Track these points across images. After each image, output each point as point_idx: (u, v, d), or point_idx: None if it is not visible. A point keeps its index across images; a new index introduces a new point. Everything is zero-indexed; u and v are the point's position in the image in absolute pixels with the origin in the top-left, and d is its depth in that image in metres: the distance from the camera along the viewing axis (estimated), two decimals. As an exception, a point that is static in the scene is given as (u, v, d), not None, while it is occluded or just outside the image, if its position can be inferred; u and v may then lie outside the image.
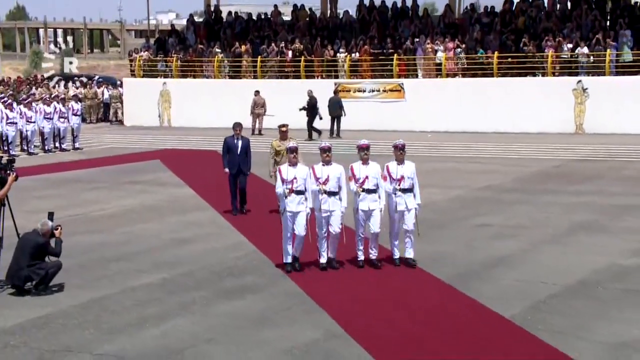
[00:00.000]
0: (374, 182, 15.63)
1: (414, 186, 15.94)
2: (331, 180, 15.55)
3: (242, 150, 21.52)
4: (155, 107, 47.34)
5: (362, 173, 15.68)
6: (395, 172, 15.87)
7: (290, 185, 15.50)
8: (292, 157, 15.74)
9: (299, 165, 15.77)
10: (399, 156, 16.02)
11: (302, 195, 15.51)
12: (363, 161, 15.79)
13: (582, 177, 27.09)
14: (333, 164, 15.73)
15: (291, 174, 15.59)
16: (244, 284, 15.66)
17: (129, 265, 17.15)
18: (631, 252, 17.29)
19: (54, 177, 29.41)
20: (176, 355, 12.02)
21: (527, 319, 13.18)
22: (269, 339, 12.62)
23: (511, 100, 39.65)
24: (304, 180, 15.53)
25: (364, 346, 12.20)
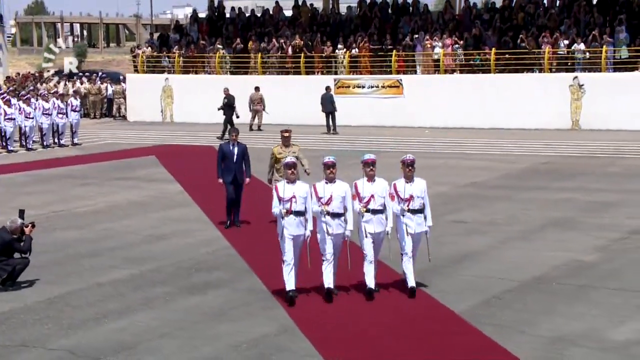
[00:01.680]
0: (381, 202, 13.88)
1: (424, 206, 14.24)
2: (335, 200, 13.80)
3: (239, 157, 19.84)
4: (158, 103, 47.61)
5: (367, 191, 13.86)
6: (403, 191, 14.03)
7: (289, 205, 13.81)
8: (290, 173, 13.95)
9: (298, 182, 14.06)
10: (407, 173, 14.14)
11: (302, 217, 13.83)
12: (368, 178, 13.96)
13: (567, 174, 27.27)
14: (337, 181, 13.91)
15: (289, 192, 13.82)
16: (209, 279, 15.98)
17: (102, 261, 17.49)
18: (595, 248, 17.53)
19: (47, 173, 29.79)
20: (128, 350, 12.33)
21: (476, 314, 13.45)
22: (222, 334, 12.93)
23: (508, 97, 39.74)
24: (304, 200, 13.83)
25: (312, 341, 12.45)
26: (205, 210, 22.35)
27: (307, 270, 14.20)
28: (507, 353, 11.83)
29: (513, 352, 11.83)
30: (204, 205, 22.89)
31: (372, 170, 14.01)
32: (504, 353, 11.85)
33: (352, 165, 29.78)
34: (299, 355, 12.00)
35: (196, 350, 12.26)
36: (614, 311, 13.53)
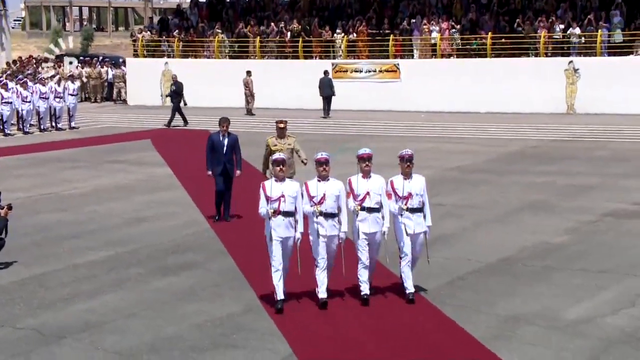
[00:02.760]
0: (377, 200, 12.97)
1: (424, 205, 13.29)
2: (328, 199, 12.86)
3: (229, 148, 18.90)
4: (158, 87, 47.91)
5: (362, 188, 12.94)
6: (401, 189, 13.06)
7: (277, 205, 12.82)
8: (279, 170, 12.94)
9: (287, 180, 13.09)
10: (405, 169, 13.18)
11: (291, 218, 12.87)
12: (364, 174, 13.05)
13: (553, 158, 27.51)
14: (331, 179, 12.98)
15: (277, 190, 12.83)
16: (184, 261, 16.28)
17: (81, 243, 17.80)
18: (565, 231, 17.81)
19: (40, 156, 30.16)
20: (94, 329, 12.65)
21: (439, 294, 13.72)
22: (188, 314, 13.23)
23: (504, 81, 39.94)
24: (293, 199, 12.87)
25: (274, 320, 12.75)
26: (192, 193, 22.65)
27: (298, 275, 13.03)
28: (463, 332, 12.09)
29: (469, 331, 12.09)
30: (191, 189, 23.19)
31: (368, 165, 13.01)
32: (460, 331, 12.11)
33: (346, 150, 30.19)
34: (259, 334, 12.29)
35: (160, 330, 12.56)
36: (572, 291, 13.82)
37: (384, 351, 11.47)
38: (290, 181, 13.19)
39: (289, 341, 11.71)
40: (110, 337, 12.27)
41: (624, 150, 28.75)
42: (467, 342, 11.79)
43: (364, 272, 13.12)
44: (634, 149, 29.11)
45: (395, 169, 13.51)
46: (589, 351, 11.30)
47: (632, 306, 13.00)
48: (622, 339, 11.70)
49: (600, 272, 14.82)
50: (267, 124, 35.16)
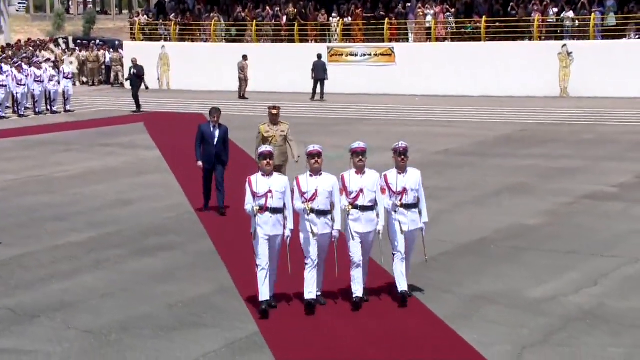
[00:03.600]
0: (371, 197, 12.16)
1: (419, 201, 12.59)
2: (320, 195, 12.00)
3: (220, 140, 18.20)
4: (155, 70, 48.13)
5: (355, 185, 12.13)
6: (395, 184, 12.32)
7: (264, 201, 12.02)
8: (265, 164, 12.10)
9: (275, 175, 12.23)
10: (400, 163, 12.46)
11: (279, 215, 12.07)
12: (357, 170, 12.21)
13: (540, 141, 27.73)
14: (324, 174, 12.12)
15: (264, 185, 12.02)
16: (163, 242, 16.56)
17: (64, 224, 18.09)
18: (540, 212, 18.06)
19: (33, 139, 30.45)
20: (68, 308, 12.92)
21: (410, 275, 13.90)
22: (161, 294, 13.50)
23: (498, 65, 40.11)
24: (281, 195, 12.05)
25: (244, 300, 13.02)
26: (178, 177, 22.88)
27: (289, 275, 12.18)
28: (428, 311, 12.35)
29: (433, 310, 12.36)
30: (178, 173, 23.42)
31: (362, 160, 12.17)
32: (425, 311, 12.37)
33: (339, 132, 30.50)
34: (228, 313, 12.57)
35: (133, 309, 12.83)
36: (539, 271, 14.08)
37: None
38: (278, 175, 12.32)
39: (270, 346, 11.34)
40: (83, 317, 12.54)
41: (611, 133, 28.97)
42: (430, 321, 12.04)
43: (357, 272, 12.28)
44: (621, 131, 29.33)
45: (385, 152, 13.65)
46: (547, 328, 11.57)
47: (595, 285, 13.28)
48: (579, 316, 11.98)
49: (569, 253, 15.08)
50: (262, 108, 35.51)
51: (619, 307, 12.29)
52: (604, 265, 14.33)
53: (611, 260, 14.55)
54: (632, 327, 11.53)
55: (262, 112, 35.07)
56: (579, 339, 11.20)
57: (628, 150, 25.57)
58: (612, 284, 13.37)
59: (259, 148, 12.49)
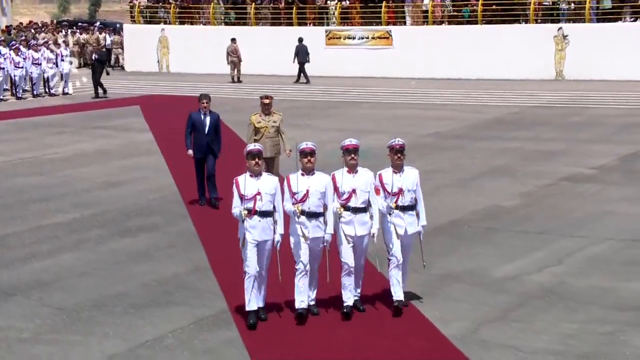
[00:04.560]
0: (364, 198, 11.39)
1: (417, 202, 11.81)
2: (312, 196, 11.24)
3: (211, 128, 17.38)
4: (155, 53, 48.48)
5: (347, 185, 11.34)
6: (390, 184, 11.52)
7: (252, 204, 11.21)
8: (254, 164, 11.29)
9: (264, 175, 11.45)
10: (396, 161, 11.65)
11: (269, 218, 11.25)
12: (349, 169, 11.42)
13: (529, 124, 27.99)
14: (316, 173, 11.39)
15: (252, 187, 11.21)
16: (145, 223, 16.90)
17: (50, 205, 18.45)
18: (520, 194, 18.37)
19: (28, 121, 30.82)
20: (44, 286, 13.30)
21: (379, 255, 14.19)
22: (137, 273, 13.87)
23: (495, 48, 40.28)
24: (271, 197, 11.26)
25: (217, 279, 13.38)
26: (168, 159, 23.18)
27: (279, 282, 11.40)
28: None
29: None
30: (168, 155, 23.70)
31: (354, 159, 11.38)
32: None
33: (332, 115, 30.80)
34: (200, 292, 12.93)
35: (107, 288, 13.19)
36: (508, 251, 14.42)
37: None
38: (267, 176, 11.48)
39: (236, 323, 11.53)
40: (59, 295, 12.91)
41: (600, 116, 29.21)
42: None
43: (348, 279, 11.51)
44: (610, 114, 29.55)
45: (376, 135, 13.77)
46: (506, 305, 11.91)
47: (559, 264, 13.62)
48: (539, 294, 12.33)
49: (539, 233, 15.41)
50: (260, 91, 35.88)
51: (578, 285, 12.63)
52: (571, 245, 14.66)
53: (579, 240, 14.88)
54: (588, 304, 11.87)
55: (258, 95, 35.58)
56: (535, 315, 11.54)
57: (614, 132, 25.83)
58: (575, 263, 13.71)
59: (247, 146, 11.47)
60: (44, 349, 10.94)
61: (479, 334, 10.99)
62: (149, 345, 10.99)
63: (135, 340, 11.12)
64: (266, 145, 16.22)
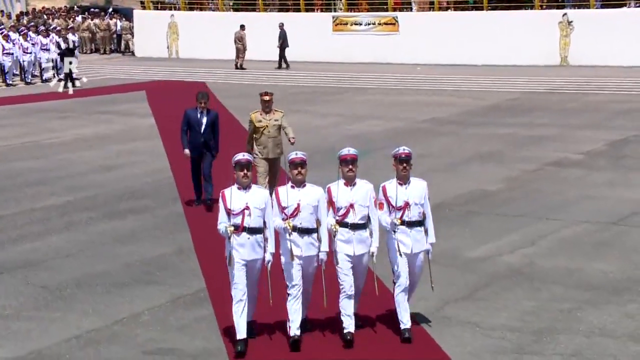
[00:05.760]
0: (363, 214, 10.39)
1: (425, 217, 10.68)
2: (304, 210, 10.26)
3: (207, 126, 16.57)
4: (164, 39, 48.94)
5: (344, 199, 10.36)
6: (395, 197, 10.48)
7: (240, 219, 10.22)
8: (242, 176, 10.29)
9: (253, 187, 10.46)
10: (401, 172, 10.66)
11: (259, 235, 10.27)
12: (347, 181, 10.43)
13: (525, 109, 28.29)
14: (308, 185, 10.41)
15: (240, 201, 10.22)
16: (136, 206, 17.32)
17: (45, 188, 18.89)
18: (505, 179, 18.73)
19: (32, 107, 31.29)
20: (30, 266, 13.75)
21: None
22: (122, 254, 14.30)
23: (500, 34, 40.53)
24: (261, 212, 10.27)
25: (199, 260, 13.81)
26: (166, 144, 23.52)
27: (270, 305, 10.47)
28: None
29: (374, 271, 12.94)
30: (167, 140, 24.04)
31: (352, 170, 10.39)
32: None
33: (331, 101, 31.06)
34: (182, 271, 13.37)
35: (91, 268, 13.62)
36: (484, 233, 14.82)
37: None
38: (257, 188, 10.55)
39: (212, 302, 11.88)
40: (43, 274, 13.37)
41: (597, 102, 29.47)
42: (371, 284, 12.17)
43: (348, 303, 10.42)
44: (607, 100, 29.82)
45: (374, 120, 13.95)
46: (473, 284, 12.31)
47: (531, 246, 14.01)
48: (506, 274, 12.74)
49: (517, 216, 15.78)
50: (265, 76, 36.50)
51: (545, 266, 13.02)
52: (545, 227, 15.03)
53: (554, 223, 15.24)
54: (552, 284, 12.27)
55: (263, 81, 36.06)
56: (500, 294, 11.94)
57: (607, 118, 26.11)
58: (547, 245, 14.09)
59: (235, 156, 10.42)
60: (24, 325, 11.37)
61: (443, 312, 11.36)
62: (125, 322, 11.42)
63: (113, 317, 11.55)
64: (268, 145, 15.80)
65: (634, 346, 10.18)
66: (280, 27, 41.66)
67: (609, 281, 12.35)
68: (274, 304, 10.37)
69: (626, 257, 13.37)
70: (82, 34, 50.69)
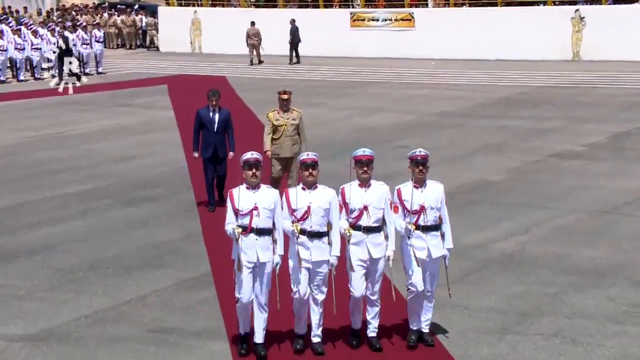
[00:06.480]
0: (378, 216, 9.85)
1: (441, 221, 10.14)
2: (314, 213, 9.74)
3: (220, 126, 15.90)
4: (188, 34, 49.35)
5: (358, 201, 9.82)
6: (411, 200, 9.91)
7: (248, 220, 9.75)
8: (251, 174, 9.81)
9: (262, 187, 9.92)
10: (418, 175, 10.04)
11: (268, 237, 9.77)
12: (361, 183, 9.91)
13: (534, 103, 28.44)
14: (319, 187, 9.90)
15: (248, 201, 9.74)
16: (150, 194, 17.69)
17: (66, 177, 19.31)
18: (507, 170, 18.95)
19: (59, 99, 31.74)
20: (47, 249, 14.16)
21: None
22: (134, 239, 14.68)
23: (514, 29, 40.62)
24: (270, 212, 9.77)
25: (206, 245, 14.15)
26: (183, 135, 23.82)
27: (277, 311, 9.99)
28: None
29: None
30: (184, 131, 24.30)
31: (367, 172, 9.85)
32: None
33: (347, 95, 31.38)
34: (189, 255, 13.73)
35: (104, 251, 14.01)
36: (481, 222, 15.07)
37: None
38: (266, 188, 9.96)
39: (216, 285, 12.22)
40: (59, 257, 13.78)
41: (606, 96, 29.56)
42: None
43: (356, 306, 10.07)
44: (615, 94, 29.89)
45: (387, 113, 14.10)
46: (465, 270, 12.56)
47: (525, 233, 14.26)
48: (498, 259, 13.03)
49: (515, 206, 16.04)
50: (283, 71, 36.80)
51: (536, 252, 13.29)
52: (541, 216, 15.27)
53: (549, 212, 15.49)
54: (540, 268, 12.56)
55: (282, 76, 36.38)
56: (490, 279, 12.23)
57: (613, 112, 26.23)
58: (540, 232, 14.35)
59: (244, 155, 9.95)
60: (36, 305, 11.77)
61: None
62: (132, 303, 11.79)
63: (121, 298, 11.93)
64: (285, 144, 15.47)
65: (611, 327, 10.46)
66: (292, 23, 41.86)
67: (595, 267, 12.61)
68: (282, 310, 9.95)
69: (615, 245, 13.61)
70: (109, 29, 51.14)
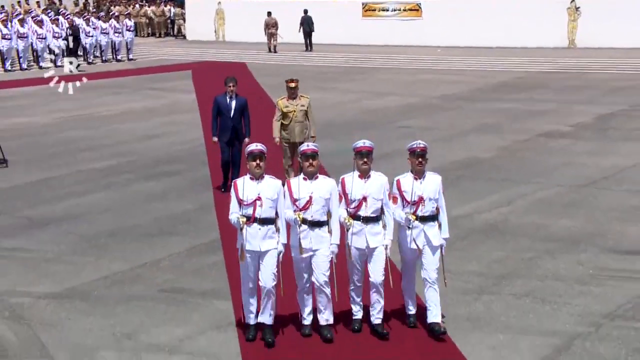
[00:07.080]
0: (376, 207, 9.57)
1: (438, 212, 9.87)
2: (315, 203, 9.45)
3: (237, 112, 15.68)
4: (212, 24, 49.62)
5: (358, 191, 9.52)
6: (410, 191, 9.63)
7: (251, 210, 9.43)
8: (255, 166, 9.50)
9: (266, 178, 9.57)
10: (417, 167, 9.74)
11: (271, 226, 9.48)
12: (361, 173, 9.59)
13: (529, 87, 28.53)
14: (320, 177, 9.61)
15: (252, 191, 9.45)
16: (169, 169, 17.97)
17: (92, 154, 19.60)
18: (497, 148, 19.10)
19: (91, 83, 31.96)
20: (72, 219, 14.46)
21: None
22: (151, 210, 14.97)
23: (514, 18, 40.77)
24: (273, 202, 9.47)
25: (217, 215, 14.42)
26: (203, 116, 24.09)
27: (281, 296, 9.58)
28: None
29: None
30: (204, 112, 24.58)
31: (367, 163, 9.53)
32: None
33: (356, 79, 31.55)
34: (201, 224, 14.03)
35: (124, 221, 14.31)
36: (469, 195, 15.20)
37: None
38: (270, 179, 9.58)
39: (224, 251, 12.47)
40: (83, 226, 14.08)
41: (596, 80, 29.64)
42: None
43: (357, 293, 9.85)
44: (606, 79, 29.95)
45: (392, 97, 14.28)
46: (452, 238, 12.14)
47: (508, 205, 14.45)
48: (482, 228, 13.24)
49: (502, 180, 16.21)
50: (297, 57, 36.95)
51: (518, 222, 13.49)
52: (525, 189, 15.45)
53: (533, 186, 15.67)
54: (520, 237, 12.76)
55: (298, 62, 36.57)
56: (474, 245, 12.46)
57: (602, 95, 26.32)
58: (523, 204, 14.53)
59: (248, 146, 9.66)
60: (62, 267, 12.12)
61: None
62: (147, 266, 12.11)
63: (137, 262, 12.25)
64: (295, 130, 15.30)
65: (578, 287, 10.71)
66: (305, 13, 42.03)
67: (570, 235, 12.82)
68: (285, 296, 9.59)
69: (590, 215, 13.81)
70: (140, 19, 51.50)
